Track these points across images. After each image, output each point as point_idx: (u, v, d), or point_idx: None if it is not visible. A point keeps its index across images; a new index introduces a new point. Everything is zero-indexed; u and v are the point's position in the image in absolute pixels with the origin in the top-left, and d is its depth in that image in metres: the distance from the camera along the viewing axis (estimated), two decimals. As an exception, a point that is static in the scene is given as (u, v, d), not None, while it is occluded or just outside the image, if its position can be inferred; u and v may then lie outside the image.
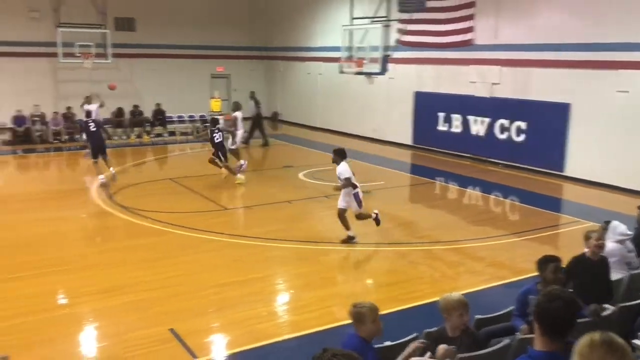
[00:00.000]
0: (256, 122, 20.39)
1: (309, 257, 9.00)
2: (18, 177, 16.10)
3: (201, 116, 23.03)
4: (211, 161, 14.09)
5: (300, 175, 14.86)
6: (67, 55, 20.84)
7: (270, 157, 19.21)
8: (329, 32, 22.37)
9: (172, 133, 21.77)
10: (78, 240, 9.94)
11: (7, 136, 19.30)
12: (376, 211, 9.77)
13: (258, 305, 7.22)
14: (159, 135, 21.84)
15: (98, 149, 13.69)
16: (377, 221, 9.74)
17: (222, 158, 13.90)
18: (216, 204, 12.14)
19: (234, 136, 15.48)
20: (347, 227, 9.46)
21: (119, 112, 21.67)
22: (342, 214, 9.42)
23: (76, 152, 18.21)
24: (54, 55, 21.00)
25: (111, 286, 7.66)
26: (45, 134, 20.06)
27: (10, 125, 19.67)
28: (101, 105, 16.81)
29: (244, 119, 17.15)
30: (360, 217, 9.65)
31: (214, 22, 24.86)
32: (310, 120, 24.35)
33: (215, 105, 22.71)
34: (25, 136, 19.68)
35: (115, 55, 21.87)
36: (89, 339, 6.53)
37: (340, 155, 9.43)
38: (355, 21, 20.76)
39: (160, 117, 22.11)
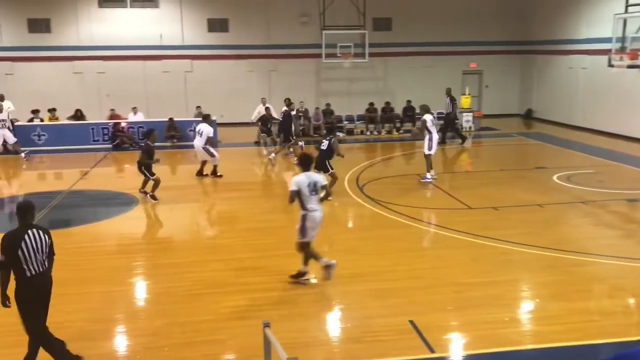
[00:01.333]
0: (449, 121, 19.79)
1: (557, 265, 8.35)
2: (280, 166, 17.82)
3: (440, 113, 22.86)
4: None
5: (555, 177, 13.84)
6: (328, 55, 22.66)
7: (522, 156, 18.26)
8: (597, 22, 20.42)
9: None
10: (333, 227, 10.67)
11: (274, 129, 21.63)
12: (334, 261, 7.71)
13: (499, 310, 6.97)
14: (407, 131, 22.36)
15: (282, 133, 17.25)
16: (328, 273, 7.62)
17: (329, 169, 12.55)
18: (461, 202, 12.00)
19: (429, 141, 13.79)
20: (314, 259, 7.63)
21: (372, 108, 22.76)
22: (306, 247, 7.60)
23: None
24: (318, 56, 23.03)
25: (359, 272, 8.15)
26: (307, 128, 22.04)
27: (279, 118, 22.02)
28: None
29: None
30: (303, 249, 7.64)
31: (467, 18, 24.55)
32: (569, 118, 22.52)
33: (466, 102, 22.40)
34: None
35: (372, 55, 23.02)
36: (334, 319, 7.06)
37: (303, 163, 7.57)
38: (631, 8, 18.49)
39: (409, 113, 22.61)
